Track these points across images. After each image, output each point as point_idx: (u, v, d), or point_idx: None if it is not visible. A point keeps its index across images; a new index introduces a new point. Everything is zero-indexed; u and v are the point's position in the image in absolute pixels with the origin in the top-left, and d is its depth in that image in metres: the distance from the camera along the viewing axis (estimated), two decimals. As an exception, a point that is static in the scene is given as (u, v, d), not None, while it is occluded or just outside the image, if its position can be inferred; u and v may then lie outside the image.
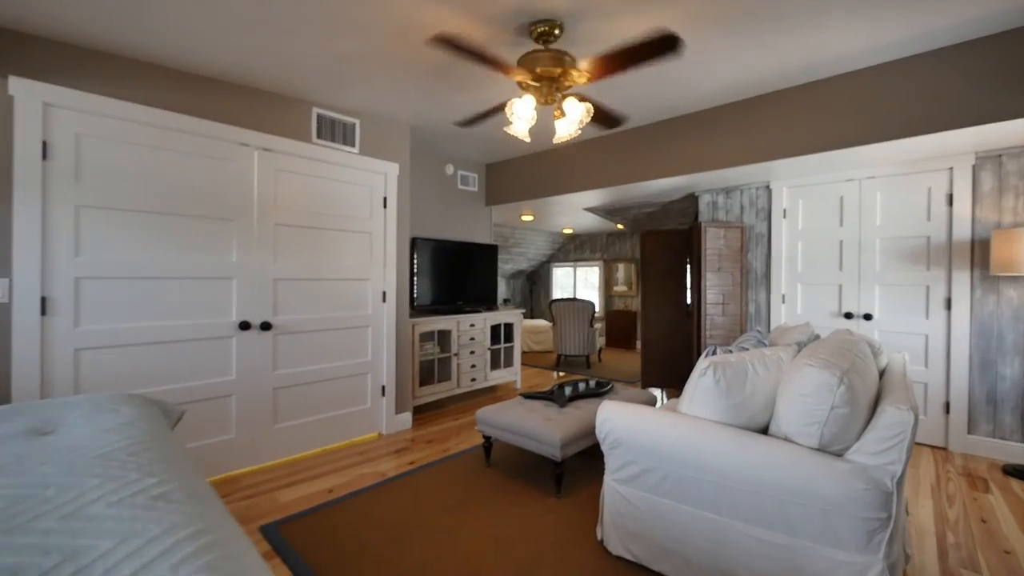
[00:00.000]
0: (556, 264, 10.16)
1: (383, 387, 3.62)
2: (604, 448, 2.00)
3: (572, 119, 2.19)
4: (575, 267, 9.88)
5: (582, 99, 2.33)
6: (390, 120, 3.62)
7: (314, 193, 3.22)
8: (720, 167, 3.48)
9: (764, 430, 1.83)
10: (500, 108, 2.48)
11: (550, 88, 2.22)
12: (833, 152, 3.02)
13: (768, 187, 4.01)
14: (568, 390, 3.19)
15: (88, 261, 2.38)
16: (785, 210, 3.94)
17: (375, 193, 3.56)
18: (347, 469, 2.96)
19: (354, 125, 3.41)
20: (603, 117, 2.70)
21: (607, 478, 2.01)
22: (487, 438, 2.95)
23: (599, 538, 2.08)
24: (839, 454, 1.56)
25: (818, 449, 1.56)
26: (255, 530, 2.24)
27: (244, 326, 2.86)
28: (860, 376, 1.58)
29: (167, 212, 2.62)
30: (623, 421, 1.94)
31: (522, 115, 2.18)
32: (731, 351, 2.20)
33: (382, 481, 2.76)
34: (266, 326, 2.95)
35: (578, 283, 9.90)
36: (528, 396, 3.10)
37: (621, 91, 3.11)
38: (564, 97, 2.24)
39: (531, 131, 3.96)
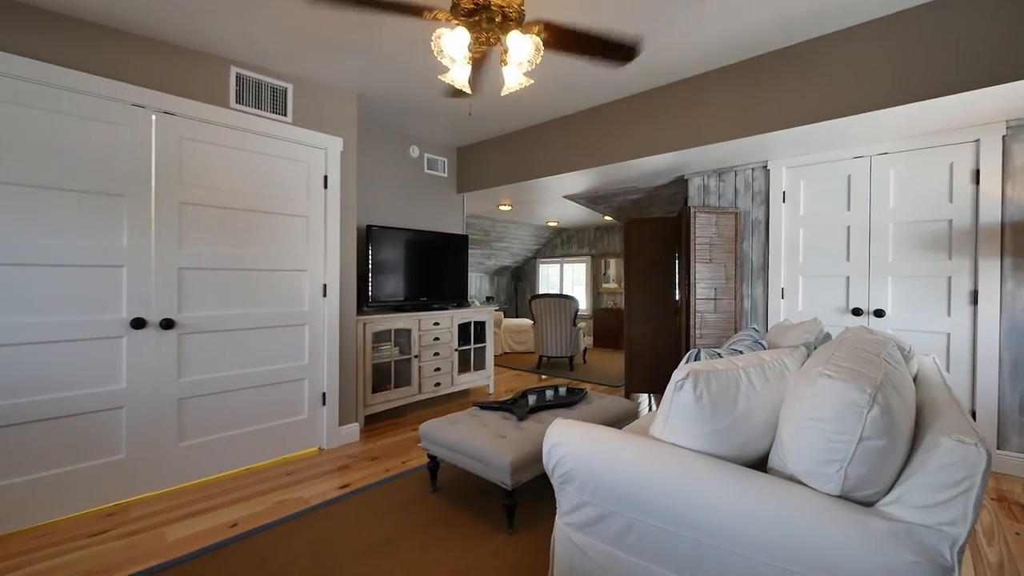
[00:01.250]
0: (542, 260, 9.69)
1: (323, 395, 3.14)
2: (553, 482, 1.53)
3: (517, 59, 1.72)
4: (562, 263, 9.41)
5: (550, 29, 1.86)
6: (331, 86, 3.14)
7: (234, 168, 2.73)
8: (711, 142, 3.02)
9: (762, 460, 1.37)
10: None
11: (490, 23, 1.75)
12: (840, 120, 2.56)
13: (765, 167, 3.55)
14: (532, 399, 2.73)
15: (-86, 242, 1.89)
16: (785, 193, 3.48)
17: (313, 171, 3.07)
18: (265, 495, 2.48)
19: (285, 90, 2.93)
20: (608, 47, 2.06)
21: (558, 520, 1.54)
22: (432, 458, 2.48)
23: (550, 596, 1.62)
24: (868, 503, 1.09)
25: (839, 496, 1.10)
26: (115, 584, 1.76)
27: (138, 324, 2.37)
28: (898, 392, 1.12)
29: (32, 184, 2.13)
30: (577, 447, 1.47)
31: (454, 54, 1.71)
32: (719, 355, 1.74)
33: (302, 511, 2.28)
34: (168, 324, 2.46)
35: (565, 280, 9.43)
36: (484, 407, 2.63)
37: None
38: (506, 33, 1.77)
39: (507, 107, 3.49)
